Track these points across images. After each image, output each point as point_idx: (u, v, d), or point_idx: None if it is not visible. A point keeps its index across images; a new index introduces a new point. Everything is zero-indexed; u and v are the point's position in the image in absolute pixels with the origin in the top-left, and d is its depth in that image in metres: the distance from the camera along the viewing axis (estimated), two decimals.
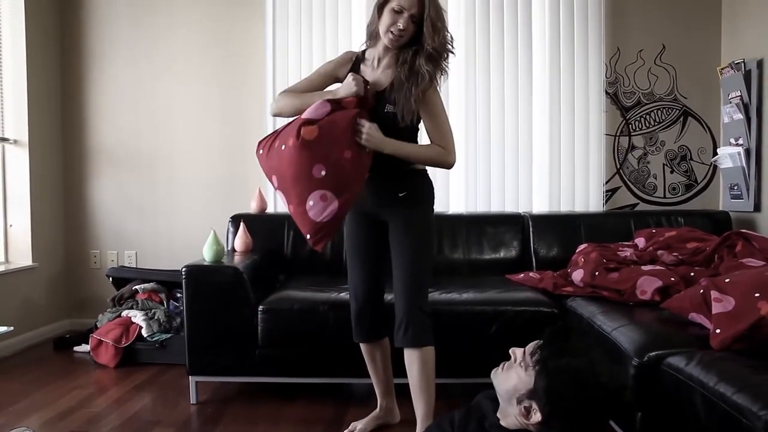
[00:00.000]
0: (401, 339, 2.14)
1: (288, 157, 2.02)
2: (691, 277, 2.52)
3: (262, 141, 2.18)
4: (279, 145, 2.07)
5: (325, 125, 2.01)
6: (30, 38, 3.65)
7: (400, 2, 2.04)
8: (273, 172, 2.11)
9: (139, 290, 3.48)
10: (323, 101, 2.07)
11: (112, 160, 3.97)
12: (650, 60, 3.77)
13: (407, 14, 2.04)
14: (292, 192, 2.06)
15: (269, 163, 2.12)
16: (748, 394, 1.48)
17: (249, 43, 3.86)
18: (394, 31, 2.05)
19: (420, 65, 2.06)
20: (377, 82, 2.18)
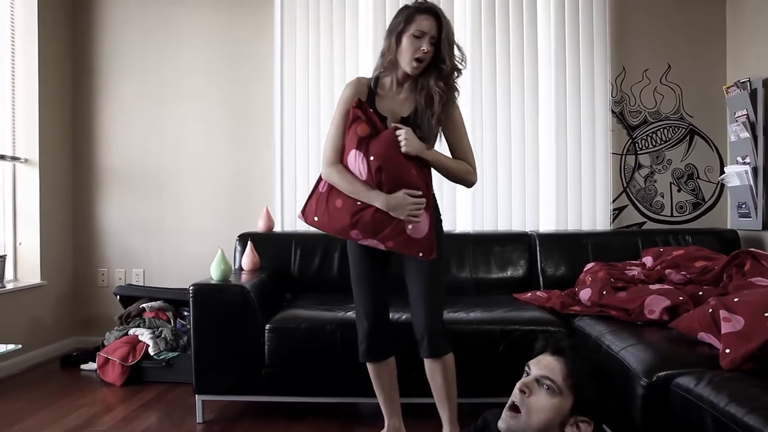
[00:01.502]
0: (424, 351, 2.18)
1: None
2: (700, 296, 2.50)
3: (305, 210, 2.25)
4: (349, 202, 2.12)
5: (383, 156, 2.08)
6: (42, 60, 3.70)
7: (419, 27, 2.08)
8: (350, 228, 2.13)
9: (147, 308, 3.48)
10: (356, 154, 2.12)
11: (121, 180, 4.00)
12: (656, 79, 3.79)
13: (428, 38, 2.08)
14: (386, 231, 2.10)
15: (334, 224, 2.17)
16: (760, 415, 1.46)
17: (257, 64, 3.90)
18: (419, 56, 2.09)
19: (437, 87, 2.12)
20: (398, 110, 2.21)
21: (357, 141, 2.10)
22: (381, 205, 2.07)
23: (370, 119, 2.13)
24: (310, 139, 3.77)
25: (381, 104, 2.21)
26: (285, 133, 3.78)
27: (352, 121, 2.14)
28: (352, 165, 2.12)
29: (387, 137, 2.09)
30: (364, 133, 2.10)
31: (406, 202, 2.07)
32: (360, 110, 2.14)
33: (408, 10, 2.14)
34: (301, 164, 3.78)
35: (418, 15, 2.10)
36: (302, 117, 3.78)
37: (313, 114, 3.78)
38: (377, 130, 2.12)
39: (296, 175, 3.78)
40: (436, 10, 2.12)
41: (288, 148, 3.78)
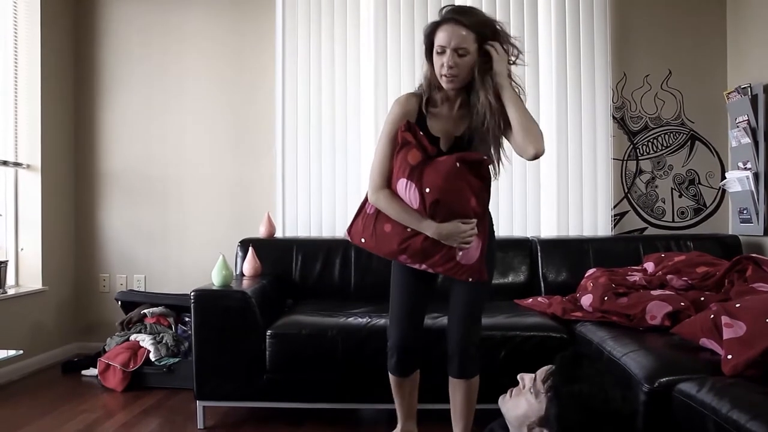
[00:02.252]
0: (453, 370, 2.13)
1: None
2: (702, 301, 2.50)
3: (351, 230, 2.18)
4: (399, 228, 2.05)
5: (440, 189, 1.99)
6: (44, 66, 3.72)
7: (439, 42, 1.97)
8: (398, 254, 2.08)
9: (148, 314, 3.48)
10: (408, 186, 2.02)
11: (123, 185, 4.01)
12: (657, 85, 3.79)
13: (449, 50, 1.95)
14: (436, 257, 2.04)
15: (381, 247, 2.11)
16: (763, 422, 1.46)
17: (258, 70, 3.91)
18: (444, 72, 1.97)
19: (487, 102, 1.99)
20: (452, 129, 2.09)
21: (409, 170, 2.00)
22: (432, 234, 2.00)
23: (421, 143, 2.02)
24: (311, 145, 3.78)
25: (433, 124, 2.08)
26: (286, 138, 3.79)
27: (401, 146, 2.03)
28: (402, 193, 2.03)
29: (445, 167, 1.97)
30: (415, 161, 1.99)
31: (459, 231, 1.99)
32: (410, 134, 2.02)
33: (432, 23, 2.02)
34: (303, 170, 3.79)
35: (437, 29, 1.98)
36: (303, 122, 3.79)
37: (315, 120, 3.79)
38: (429, 155, 2.01)
39: (297, 181, 3.79)
40: (456, 17, 1.95)
41: (289, 154, 3.79)
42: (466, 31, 1.94)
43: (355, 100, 3.78)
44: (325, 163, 3.78)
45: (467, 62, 1.96)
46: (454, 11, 1.99)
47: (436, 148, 2.06)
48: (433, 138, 2.07)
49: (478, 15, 2.01)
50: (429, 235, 2.00)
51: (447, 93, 2.06)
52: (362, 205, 2.18)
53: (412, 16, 3.74)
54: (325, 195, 3.78)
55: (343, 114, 3.79)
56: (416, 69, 3.73)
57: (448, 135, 2.09)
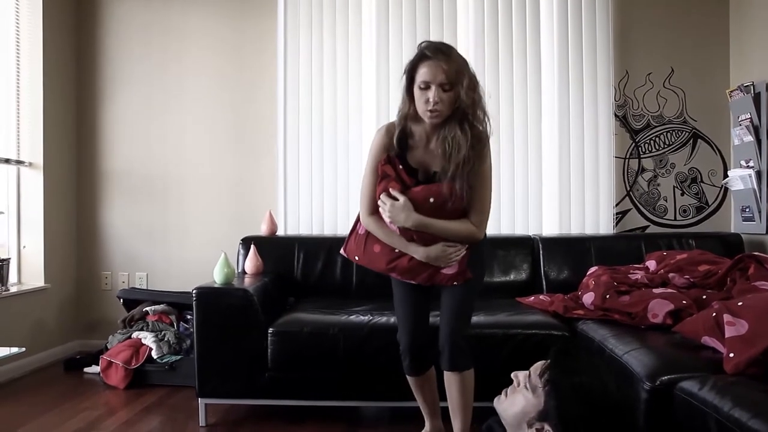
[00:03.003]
0: (444, 363, 2.17)
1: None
2: (703, 300, 2.50)
3: (346, 248, 2.29)
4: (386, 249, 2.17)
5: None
6: (46, 64, 3.72)
7: (423, 77, 1.99)
8: (387, 272, 2.21)
9: (150, 312, 3.49)
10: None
11: (125, 183, 4.01)
12: (659, 83, 3.79)
13: (435, 86, 1.97)
14: (423, 275, 2.16)
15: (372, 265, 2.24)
16: (764, 420, 1.46)
17: (260, 68, 3.91)
18: (429, 107, 1.99)
19: (459, 137, 2.03)
20: (430, 162, 2.14)
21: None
22: (420, 257, 2.11)
23: (399, 176, 2.11)
24: (313, 143, 3.78)
25: (412, 155, 2.15)
26: (288, 136, 3.79)
27: (381, 177, 2.13)
28: (387, 222, 2.14)
29: (418, 201, 2.07)
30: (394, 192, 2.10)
31: (445, 254, 2.10)
32: (389, 166, 2.12)
33: (412, 60, 2.04)
34: (304, 168, 3.79)
35: (420, 64, 2.00)
36: (305, 120, 3.79)
37: (316, 118, 3.79)
38: (407, 186, 2.10)
39: (299, 179, 3.79)
40: (438, 54, 1.99)
41: (291, 152, 3.79)
42: (448, 66, 1.97)
43: (357, 98, 3.78)
44: (327, 161, 3.78)
45: (450, 98, 2.00)
46: (436, 48, 2.02)
47: (414, 179, 2.13)
48: (412, 170, 2.14)
49: (458, 54, 2.05)
50: (417, 257, 2.11)
51: (425, 126, 2.10)
52: (354, 225, 2.28)
53: (414, 13, 3.73)
54: (327, 193, 3.78)
55: (344, 112, 3.79)
56: None
57: (426, 168, 2.15)
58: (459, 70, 2.00)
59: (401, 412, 2.67)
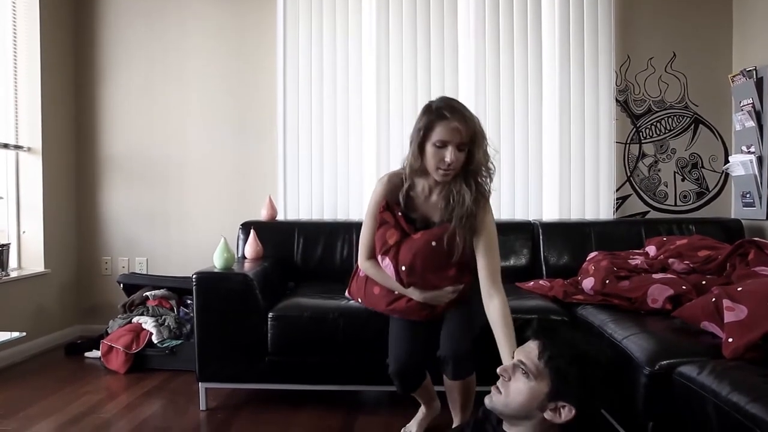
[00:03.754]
0: (448, 373, 2.13)
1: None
2: (703, 285, 2.50)
3: (350, 290, 2.41)
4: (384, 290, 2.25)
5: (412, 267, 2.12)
6: (44, 48, 3.70)
7: (441, 137, 1.98)
8: (387, 312, 2.25)
9: (150, 297, 3.49)
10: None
11: (124, 168, 4.00)
12: (660, 68, 3.76)
13: (452, 146, 1.98)
14: (423, 314, 2.18)
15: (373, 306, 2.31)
16: (763, 404, 1.47)
17: (260, 52, 3.89)
18: (443, 166, 2.00)
19: (464, 192, 2.05)
20: (430, 214, 2.17)
21: (386, 247, 2.13)
22: (418, 299, 2.13)
23: (399, 224, 2.14)
24: (313, 128, 3.77)
25: (412, 206, 2.18)
26: (288, 121, 3.77)
27: (380, 224, 2.17)
28: (382, 265, 2.18)
29: (418, 246, 2.08)
30: (393, 239, 2.12)
31: (443, 294, 2.13)
32: (389, 213, 2.15)
33: (428, 116, 2.02)
34: (304, 153, 3.78)
35: (439, 122, 1.99)
36: (305, 105, 3.77)
37: (316, 102, 3.77)
38: (406, 234, 2.13)
39: (299, 164, 3.78)
40: (455, 114, 1.99)
41: (291, 137, 3.77)
42: (466, 127, 1.98)
43: (357, 82, 3.76)
44: (327, 146, 3.77)
45: (463, 157, 2.02)
46: (453, 108, 2.01)
47: (413, 227, 2.16)
48: (410, 219, 2.18)
49: (471, 114, 2.04)
50: (415, 299, 2.14)
51: (430, 181, 2.13)
52: (356, 269, 2.37)
53: None
54: (327, 178, 3.77)
55: (344, 97, 3.77)
56: (418, 46, 3.71)
57: (425, 219, 2.18)
58: (475, 132, 2.01)
59: (401, 396, 2.68)
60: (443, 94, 3.69)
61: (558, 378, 1.46)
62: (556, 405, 1.48)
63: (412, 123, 3.55)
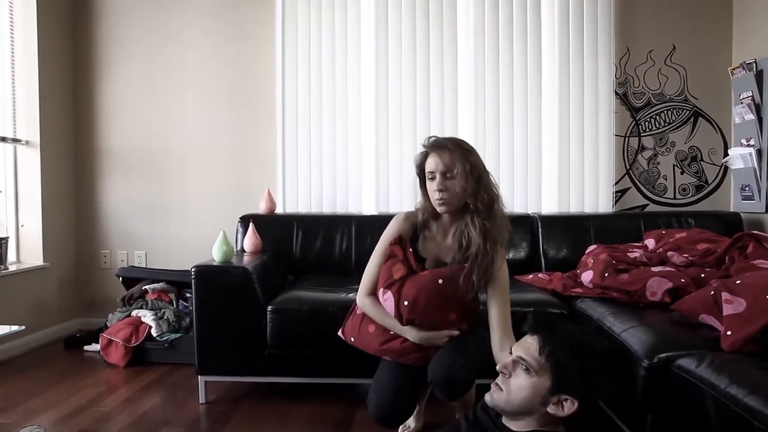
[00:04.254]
0: (440, 395, 2.06)
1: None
2: (702, 278, 2.50)
3: (344, 330, 2.29)
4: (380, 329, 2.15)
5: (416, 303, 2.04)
6: (42, 40, 3.68)
7: (429, 168, 2.03)
8: (380, 353, 2.16)
9: (149, 290, 3.49)
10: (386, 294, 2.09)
11: (123, 161, 3.99)
12: (660, 60, 3.75)
13: (438, 175, 2.00)
14: (416, 356, 2.09)
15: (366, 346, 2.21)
16: (760, 397, 1.47)
17: (259, 46, 3.87)
18: (436, 196, 2.02)
19: (473, 229, 2.01)
20: (442, 255, 2.13)
21: (390, 281, 2.08)
22: (413, 339, 2.07)
23: (407, 260, 2.10)
24: (312, 121, 3.76)
25: (424, 246, 2.16)
26: (286, 114, 3.76)
27: (389, 257, 2.13)
28: (381, 300, 2.11)
29: (424, 282, 2.04)
30: (399, 274, 2.08)
31: (439, 337, 2.06)
32: (399, 247, 2.12)
33: (420, 155, 2.09)
34: (303, 146, 3.77)
35: (427, 158, 2.05)
36: (304, 98, 3.76)
37: (315, 95, 3.76)
38: (413, 271, 2.09)
39: (298, 157, 3.77)
40: (436, 144, 2.03)
41: (290, 130, 3.77)
42: (450, 155, 2.00)
43: (356, 75, 3.75)
44: (326, 139, 3.76)
45: (455, 185, 2.00)
46: (436, 141, 2.05)
47: (421, 266, 2.12)
48: (420, 258, 2.14)
49: (459, 145, 2.05)
50: (410, 339, 2.07)
51: (443, 221, 2.13)
52: (352, 307, 2.29)
53: None
54: (326, 171, 3.77)
55: (343, 89, 3.76)
56: (417, 37, 3.69)
57: (437, 259, 2.14)
58: (459, 160, 2.00)
59: None
60: (442, 89, 3.68)
61: (559, 372, 1.47)
62: (558, 399, 1.48)
63: (411, 115, 3.57)
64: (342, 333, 2.30)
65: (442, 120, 3.70)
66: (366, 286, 2.19)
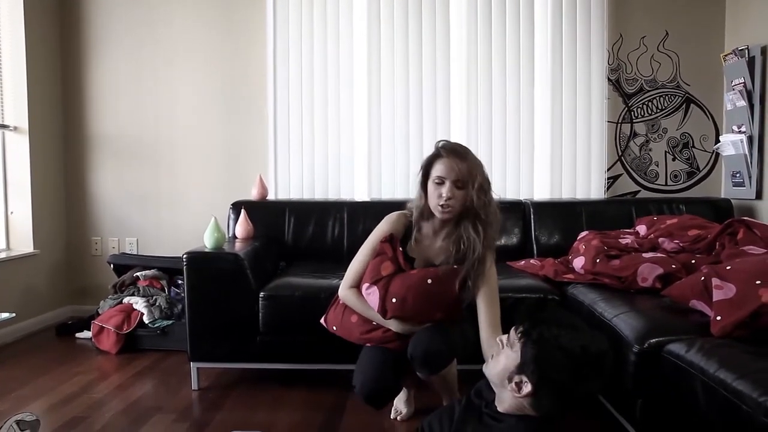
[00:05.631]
0: (417, 371, 2.08)
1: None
2: (692, 264, 2.51)
3: (326, 318, 2.31)
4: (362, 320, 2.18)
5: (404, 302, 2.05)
6: (29, 25, 3.63)
7: (438, 173, 2.04)
8: (362, 342, 2.19)
9: (141, 277, 3.48)
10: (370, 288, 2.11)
11: (113, 148, 3.96)
12: (653, 46, 3.75)
13: (449, 182, 2.02)
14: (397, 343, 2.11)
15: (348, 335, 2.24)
16: (749, 381, 1.48)
17: (250, 30, 3.84)
18: (441, 202, 2.04)
19: (468, 235, 2.05)
20: (432, 257, 2.16)
21: (377, 278, 2.09)
22: (397, 330, 2.09)
23: (396, 258, 2.12)
24: (303, 107, 3.74)
25: (414, 247, 2.18)
26: (278, 100, 3.74)
27: (377, 253, 2.14)
28: (364, 293, 2.13)
29: (413, 281, 2.05)
30: (387, 271, 2.09)
31: (422, 327, 2.06)
32: (389, 245, 2.14)
33: (430, 156, 2.11)
34: (295, 132, 3.75)
35: (437, 160, 2.06)
36: (296, 84, 3.74)
37: (307, 81, 3.73)
38: (401, 269, 2.10)
39: (290, 143, 3.75)
40: (453, 151, 2.05)
41: (281, 116, 3.74)
42: (465, 165, 2.02)
43: (348, 60, 3.72)
44: (318, 125, 3.74)
45: (463, 195, 2.04)
46: (452, 148, 2.07)
47: (410, 266, 2.14)
48: (409, 258, 2.16)
49: (473, 156, 2.09)
50: (394, 329, 2.09)
51: (435, 223, 2.15)
52: (336, 297, 2.30)
53: None
54: (318, 157, 3.75)
55: (335, 75, 3.73)
56: (409, 23, 3.67)
57: (426, 260, 2.16)
58: (471, 171, 2.03)
59: None
60: (434, 76, 3.66)
61: (525, 352, 1.48)
62: (520, 378, 1.49)
63: (404, 100, 3.56)
64: (324, 321, 2.32)
65: (435, 108, 3.68)
66: (350, 279, 2.21)
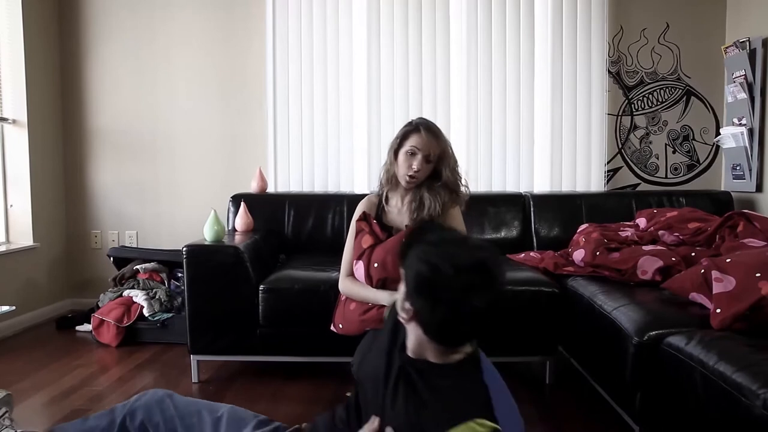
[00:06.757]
0: None
1: None
2: (692, 257, 2.52)
3: (334, 321, 2.39)
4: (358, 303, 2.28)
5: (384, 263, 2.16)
6: (28, 18, 3.61)
7: (413, 144, 2.19)
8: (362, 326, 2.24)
9: (141, 270, 3.48)
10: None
11: (113, 141, 3.95)
12: (654, 39, 3.73)
13: (421, 155, 2.18)
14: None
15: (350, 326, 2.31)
16: (748, 373, 1.49)
17: (249, 23, 3.82)
18: (410, 173, 2.20)
19: (428, 195, 2.23)
20: (402, 221, 2.30)
21: (360, 252, 2.23)
22: (387, 302, 2.13)
23: (373, 231, 2.26)
24: (303, 100, 3.73)
25: (387, 218, 2.34)
26: (278, 93, 3.73)
27: (357, 233, 2.29)
28: (357, 273, 2.26)
29: (392, 244, 2.14)
30: (367, 244, 2.22)
31: None
32: (364, 222, 2.28)
33: (406, 127, 2.24)
34: (294, 125, 3.74)
35: (414, 133, 2.20)
36: (295, 77, 3.73)
37: (306, 73, 3.72)
38: (380, 240, 2.23)
39: (289, 136, 3.75)
40: (429, 129, 2.20)
41: (281, 109, 3.73)
42: (439, 143, 2.21)
43: (348, 53, 3.71)
44: (317, 118, 3.73)
45: (429, 168, 2.22)
46: (429, 125, 2.23)
47: (388, 234, 2.27)
48: (386, 227, 2.32)
49: (444, 137, 2.26)
50: (385, 304, 2.14)
51: (400, 191, 2.32)
52: (339, 297, 2.41)
53: None
54: (317, 150, 3.74)
55: (335, 68, 3.72)
56: (409, 16, 3.66)
57: (399, 227, 2.31)
58: (445, 150, 2.23)
59: None
60: (434, 68, 3.66)
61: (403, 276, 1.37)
62: (405, 305, 1.36)
63: (403, 93, 3.60)
64: (333, 326, 2.40)
65: (434, 99, 3.67)
66: (345, 270, 2.34)
